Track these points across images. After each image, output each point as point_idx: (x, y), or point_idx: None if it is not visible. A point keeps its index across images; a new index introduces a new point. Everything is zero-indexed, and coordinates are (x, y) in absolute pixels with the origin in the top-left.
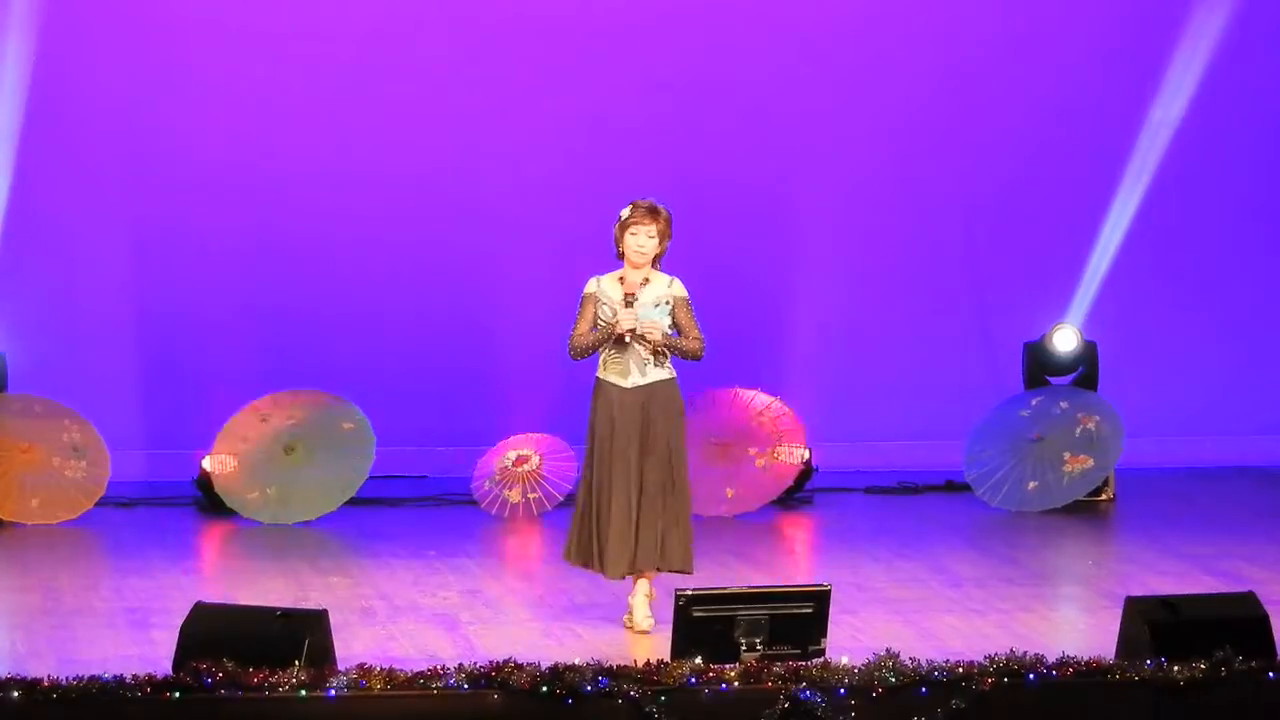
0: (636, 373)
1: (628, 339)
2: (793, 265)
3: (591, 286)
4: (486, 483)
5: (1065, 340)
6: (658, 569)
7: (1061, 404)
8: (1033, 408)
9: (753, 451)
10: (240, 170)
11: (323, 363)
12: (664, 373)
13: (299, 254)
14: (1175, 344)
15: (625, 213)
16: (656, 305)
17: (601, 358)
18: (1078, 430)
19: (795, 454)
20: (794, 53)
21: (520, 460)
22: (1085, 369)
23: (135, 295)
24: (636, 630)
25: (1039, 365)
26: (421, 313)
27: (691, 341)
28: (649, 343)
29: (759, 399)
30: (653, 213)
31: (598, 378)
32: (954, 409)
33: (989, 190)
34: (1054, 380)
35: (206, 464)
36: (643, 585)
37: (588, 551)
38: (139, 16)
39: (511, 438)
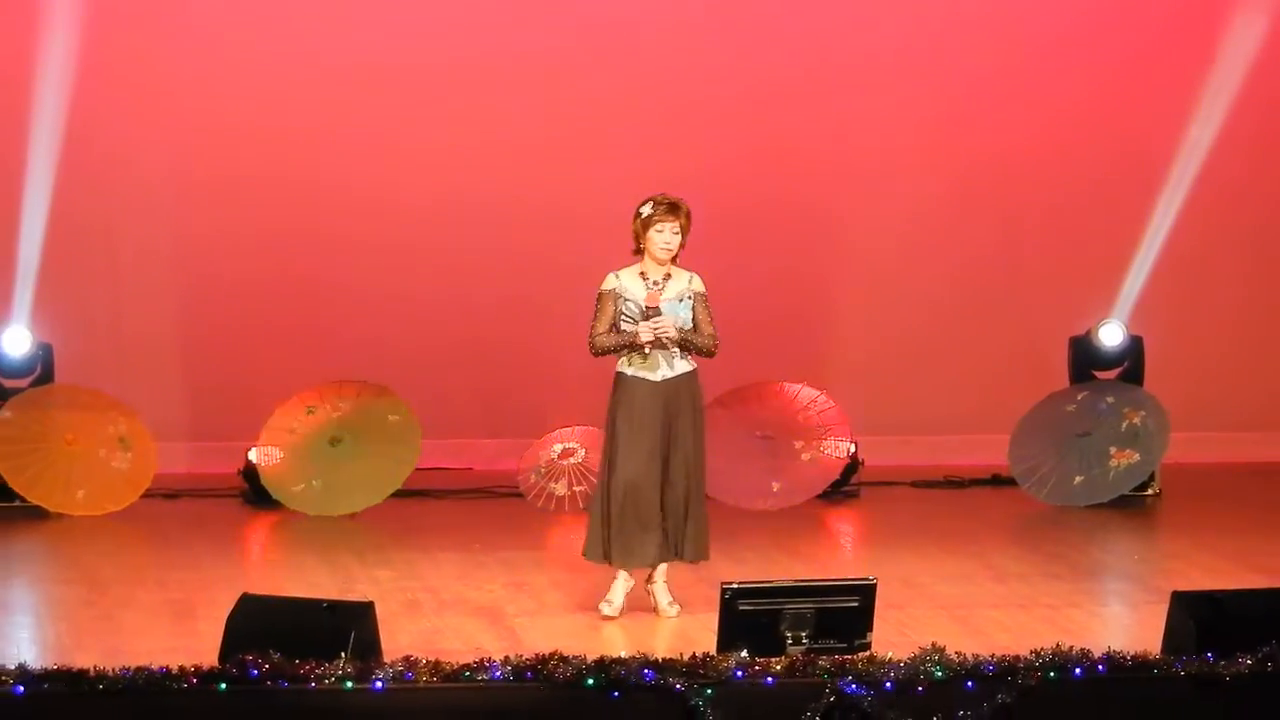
0: (665, 366)
1: (647, 350)
2: (838, 259)
3: (610, 283)
4: (532, 475)
5: (1111, 335)
6: (680, 560)
7: (1107, 399)
8: (1079, 402)
9: (798, 445)
10: (286, 162)
11: (369, 355)
12: (688, 365)
13: (345, 246)
14: (1221, 338)
15: (646, 210)
16: (681, 300)
17: (629, 352)
18: (1124, 425)
19: (841, 448)
20: (841, 49)
21: (566, 453)
22: (1131, 363)
23: (181, 287)
24: (664, 616)
25: (1085, 360)
26: (468, 304)
27: (706, 338)
28: (669, 343)
29: (805, 392)
30: (674, 209)
31: (620, 372)
32: (1000, 403)
33: (1035, 184)
34: (1100, 375)
35: (252, 455)
36: (662, 574)
37: (609, 546)
38: (184, 12)
39: (557, 430)
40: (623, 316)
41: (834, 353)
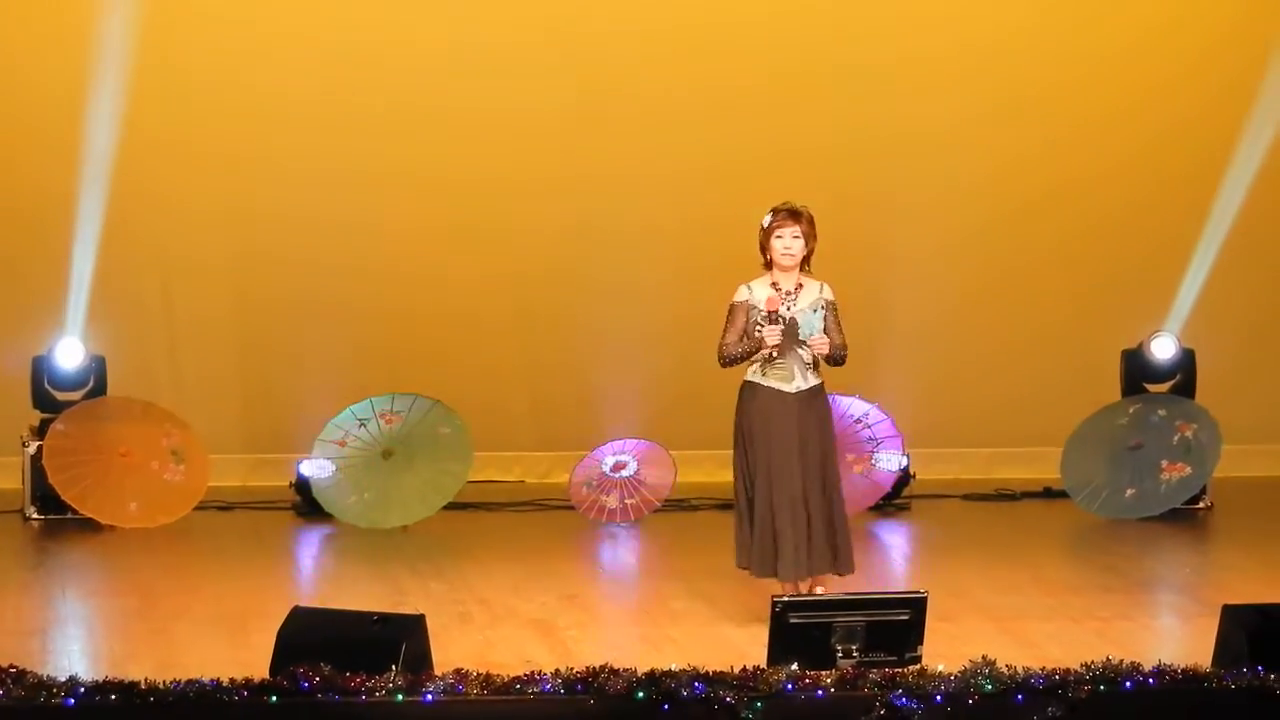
0: (800, 378)
1: (774, 355)
2: (890, 271)
3: (742, 294)
4: (584, 488)
5: (1163, 348)
6: (835, 573)
7: (1159, 412)
8: (1130, 415)
9: (850, 458)
10: (341, 173)
11: (420, 367)
12: (818, 378)
13: (397, 258)
14: (1274, 351)
15: (767, 219)
16: (815, 310)
17: (761, 362)
18: (1175, 438)
19: (893, 461)
20: (898, 61)
21: (618, 466)
22: (1183, 377)
23: (234, 299)
24: None
25: (1137, 373)
26: (520, 317)
27: (838, 348)
28: (819, 353)
29: (857, 405)
30: (794, 214)
31: (751, 382)
32: (1052, 416)
33: (1087, 197)
34: (1152, 388)
35: (304, 468)
36: (815, 588)
37: (770, 560)
38: (239, 19)
39: (609, 443)
40: (757, 327)
41: (885, 365)
